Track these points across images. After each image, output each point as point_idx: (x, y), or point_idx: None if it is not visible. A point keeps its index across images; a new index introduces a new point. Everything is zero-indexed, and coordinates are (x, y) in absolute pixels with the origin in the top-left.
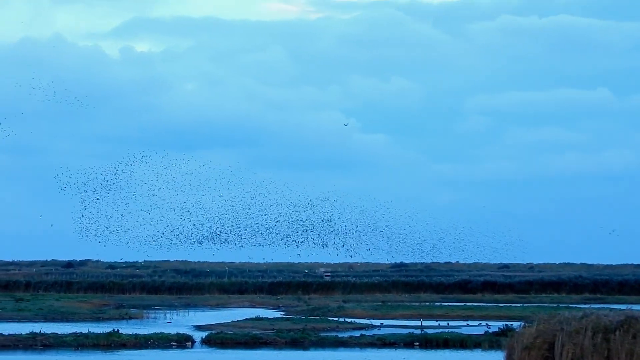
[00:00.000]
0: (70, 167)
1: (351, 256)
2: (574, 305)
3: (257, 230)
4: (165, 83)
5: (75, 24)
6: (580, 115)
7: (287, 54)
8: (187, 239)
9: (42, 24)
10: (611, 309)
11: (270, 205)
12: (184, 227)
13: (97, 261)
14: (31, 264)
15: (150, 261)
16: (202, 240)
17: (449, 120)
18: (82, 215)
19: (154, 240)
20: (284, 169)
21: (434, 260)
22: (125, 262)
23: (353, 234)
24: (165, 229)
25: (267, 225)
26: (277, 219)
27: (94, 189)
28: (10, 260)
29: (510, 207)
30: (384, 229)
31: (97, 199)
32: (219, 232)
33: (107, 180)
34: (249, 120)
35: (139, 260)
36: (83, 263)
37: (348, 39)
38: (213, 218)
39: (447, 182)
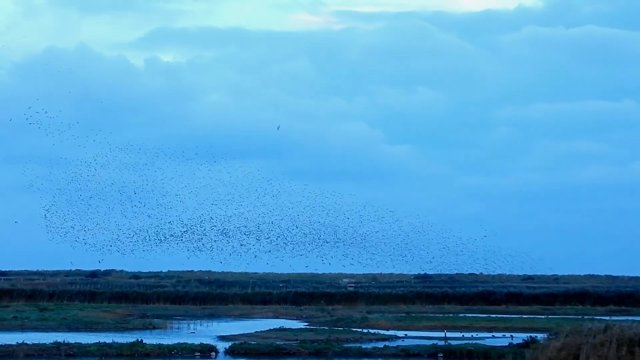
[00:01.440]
0: (96, 177)
1: (377, 265)
2: (599, 318)
3: (281, 241)
4: (191, 93)
5: (100, 34)
6: (607, 127)
7: (313, 65)
8: (210, 249)
9: (68, 34)
10: (636, 322)
11: (295, 216)
12: (208, 236)
13: (121, 271)
14: (55, 273)
15: (174, 271)
16: (226, 249)
17: (475, 132)
18: (108, 225)
19: (177, 250)
20: (309, 179)
21: (458, 272)
22: (149, 272)
23: (378, 244)
24: (189, 239)
25: (292, 236)
26: (302, 229)
27: (120, 199)
28: (35, 270)
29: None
30: (408, 240)
31: (124, 208)
32: (243, 243)
33: (133, 191)
34: (275, 130)
35: (163, 270)
36: (107, 273)
37: (374, 50)
38: (237, 228)
39: (473, 194)
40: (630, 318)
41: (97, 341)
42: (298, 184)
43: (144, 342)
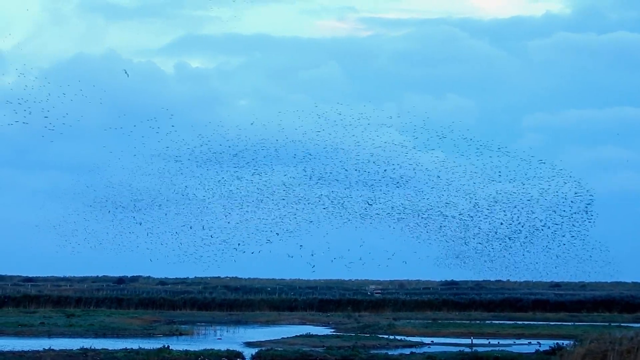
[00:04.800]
0: (124, 183)
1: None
2: (626, 325)
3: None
4: (219, 99)
5: (128, 40)
6: (637, 134)
7: (342, 71)
8: (238, 254)
9: (95, 40)
10: None
11: (324, 222)
12: (236, 242)
13: (148, 277)
14: (82, 279)
15: (201, 277)
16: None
17: (505, 138)
18: (136, 232)
19: (204, 256)
20: (339, 185)
21: (485, 279)
22: (176, 278)
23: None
24: (217, 245)
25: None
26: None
27: (148, 205)
28: (62, 276)
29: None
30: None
31: (152, 215)
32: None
33: (161, 197)
34: (304, 137)
35: (190, 277)
36: (134, 279)
37: (402, 56)
38: (267, 234)
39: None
40: None
41: (124, 347)
42: (327, 189)
43: (170, 348)
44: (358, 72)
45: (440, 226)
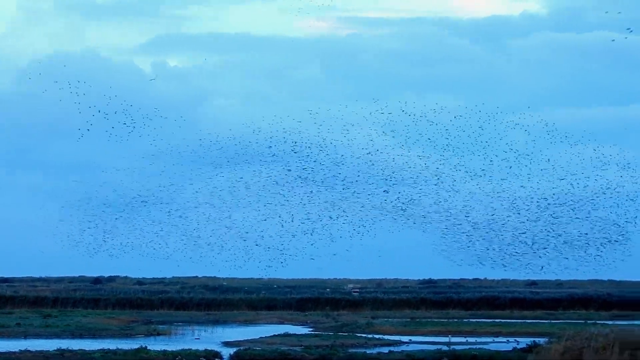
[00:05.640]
0: (102, 183)
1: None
2: (602, 322)
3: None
4: (200, 98)
5: (106, 39)
6: (620, 132)
7: (323, 70)
8: (218, 255)
9: (73, 39)
10: (638, 326)
11: (306, 221)
12: (217, 242)
13: (125, 277)
14: (59, 280)
15: (179, 277)
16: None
17: (487, 137)
18: (113, 232)
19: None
20: (322, 184)
21: (463, 277)
22: (154, 278)
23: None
24: (195, 244)
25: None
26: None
27: (128, 205)
28: (38, 277)
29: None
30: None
31: (132, 215)
32: (249, 249)
33: (139, 197)
34: (286, 136)
35: (167, 276)
36: (111, 279)
37: (385, 55)
38: (247, 234)
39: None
40: (633, 322)
41: (101, 348)
42: (310, 188)
43: (148, 348)
44: (339, 71)
45: (423, 223)
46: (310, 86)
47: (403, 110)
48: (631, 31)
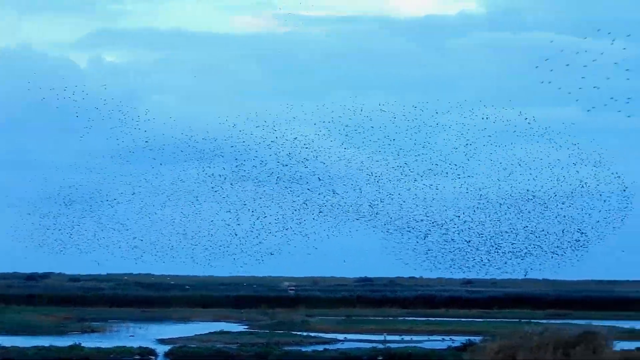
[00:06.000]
0: (37, 179)
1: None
2: (536, 321)
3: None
4: (136, 94)
5: (41, 34)
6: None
7: (259, 67)
8: (156, 252)
9: (8, 34)
10: (573, 325)
11: (244, 218)
12: (153, 239)
13: (60, 274)
14: None
15: (114, 274)
16: (171, 253)
17: (426, 136)
18: (47, 228)
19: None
20: (259, 182)
21: (399, 275)
22: (88, 274)
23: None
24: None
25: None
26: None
27: (63, 201)
28: None
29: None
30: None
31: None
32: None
33: (75, 194)
34: (222, 133)
35: (102, 273)
36: (45, 276)
37: (321, 53)
38: (184, 232)
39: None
40: (567, 322)
41: (35, 345)
42: (248, 186)
43: (82, 345)
44: (276, 69)
45: (362, 221)
46: (247, 84)
47: (341, 109)
48: (599, 30)
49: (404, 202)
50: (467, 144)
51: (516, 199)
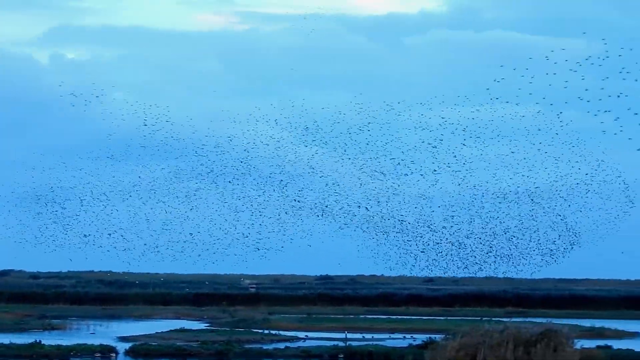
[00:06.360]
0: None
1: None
2: (497, 319)
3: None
4: (97, 91)
5: (2, 30)
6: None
7: (220, 65)
8: (114, 250)
9: None
10: (532, 323)
11: (203, 215)
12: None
13: (20, 271)
14: None
15: (74, 271)
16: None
17: (385, 134)
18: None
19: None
20: (218, 180)
21: (359, 273)
22: (49, 272)
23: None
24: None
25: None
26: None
27: (23, 198)
28: None
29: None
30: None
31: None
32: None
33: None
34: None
35: (63, 271)
36: (5, 273)
37: (281, 51)
38: (140, 229)
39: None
40: (527, 319)
41: None
42: (206, 184)
43: (42, 343)
44: (236, 66)
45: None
46: (208, 80)
47: (300, 107)
48: (559, 29)
49: (364, 200)
50: (427, 142)
51: (476, 197)
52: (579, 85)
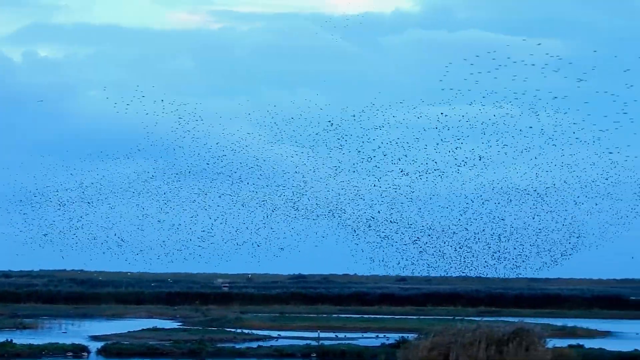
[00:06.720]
0: None
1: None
2: (469, 318)
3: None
4: (71, 89)
5: None
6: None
7: (194, 63)
8: (87, 248)
9: None
10: (505, 322)
11: (176, 214)
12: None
13: None
14: None
15: (46, 270)
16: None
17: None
18: None
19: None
20: (191, 179)
21: (332, 272)
22: (21, 270)
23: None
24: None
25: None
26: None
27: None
28: None
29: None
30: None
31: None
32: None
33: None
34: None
35: (35, 269)
36: None
37: (255, 50)
38: (113, 228)
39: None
40: (499, 319)
41: None
42: (180, 183)
43: (14, 342)
44: (210, 65)
45: (294, 217)
46: (182, 79)
47: (275, 105)
48: (531, 29)
49: (338, 198)
50: (401, 141)
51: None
52: (554, 85)
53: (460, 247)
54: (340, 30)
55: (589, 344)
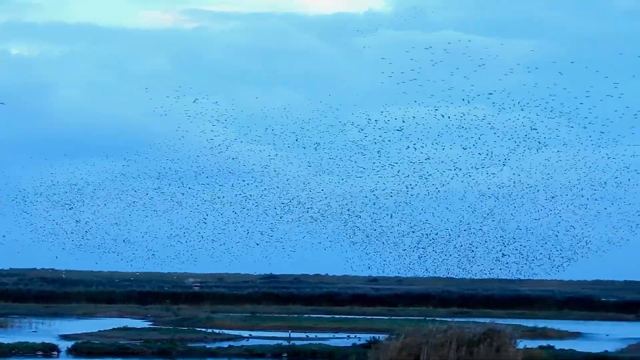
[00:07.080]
0: None
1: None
2: (440, 319)
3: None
4: (44, 88)
5: None
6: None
7: (168, 63)
8: (60, 247)
9: None
10: (476, 323)
11: (148, 214)
12: (57, 235)
13: None
14: None
15: (16, 269)
16: (75, 248)
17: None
18: None
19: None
20: (165, 179)
21: (304, 272)
22: None
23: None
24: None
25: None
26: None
27: None
28: None
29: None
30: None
31: None
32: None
33: None
34: (131, 128)
35: (4, 268)
36: None
37: (230, 49)
38: (90, 227)
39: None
40: (470, 319)
41: None
42: (154, 183)
43: None
44: (185, 64)
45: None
46: (156, 79)
47: (248, 106)
48: (504, 30)
49: (311, 199)
50: (375, 141)
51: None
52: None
53: (426, 247)
54: (314, 30)
55: (559, 345)
